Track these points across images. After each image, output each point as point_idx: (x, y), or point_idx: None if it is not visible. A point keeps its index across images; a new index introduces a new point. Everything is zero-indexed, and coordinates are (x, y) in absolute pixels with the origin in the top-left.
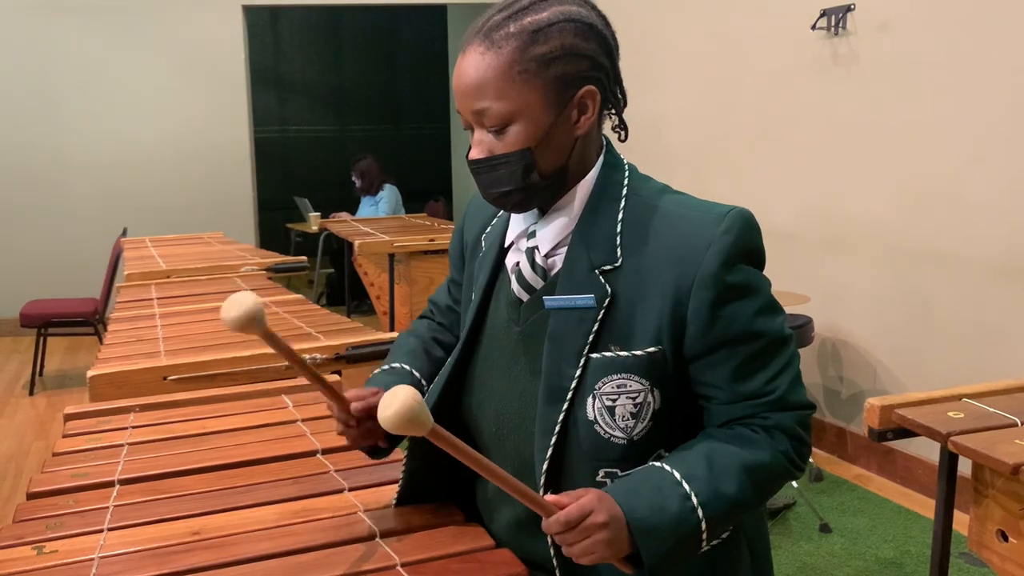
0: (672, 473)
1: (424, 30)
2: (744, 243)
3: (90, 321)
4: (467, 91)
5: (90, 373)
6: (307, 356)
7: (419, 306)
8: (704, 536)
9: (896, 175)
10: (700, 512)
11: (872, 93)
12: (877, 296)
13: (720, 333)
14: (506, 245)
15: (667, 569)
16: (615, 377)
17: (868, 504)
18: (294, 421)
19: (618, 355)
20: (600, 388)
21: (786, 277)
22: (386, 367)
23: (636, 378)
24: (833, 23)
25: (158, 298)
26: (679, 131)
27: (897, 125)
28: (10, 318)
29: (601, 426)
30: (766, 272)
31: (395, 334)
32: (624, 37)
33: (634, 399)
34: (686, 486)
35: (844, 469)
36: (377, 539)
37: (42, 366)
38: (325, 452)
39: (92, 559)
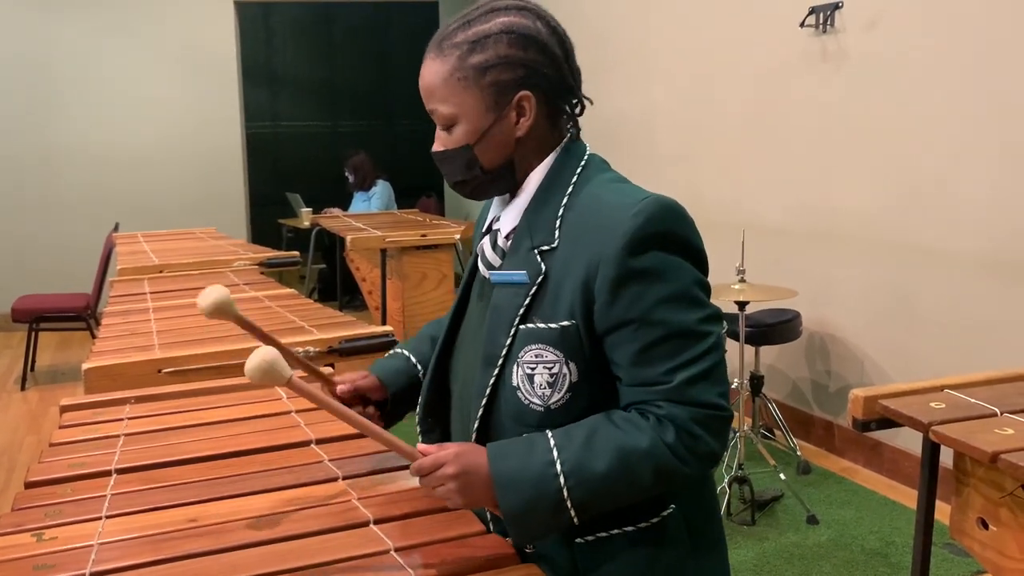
0: (549, 439)
1: (416, 26)
2: (655, 229)
3: (82, 316)
4: (423, 93)
5: (85, 366)
6: (300, 349)
7: (411, 301)
8: (569, 505)
9: (883, 171)
10: (562, 480)
11: (860, 90)
12: (864, 290)
13: (621, 313)
14: (483, 229)
15: (531, 530)
16: (534, 347)
17: (855, 496)
18: (288, 412)
19: (538, 327)
20: (522, 356)
21: (774, 271)
22: (390, 352)
23: (551, 349)
24: (821, 21)
25: (151, 292)
26: (669, 128)
27: (884, 121)
28: (1, 313)
29: (523, 392)
30: (762, 266)
31: (388, 328)
32: (613, 36)
33: (550, 369)
34: (555, 452)
35: (832, 462)
36: (371, 525)
37: (33, 361)
38: (319, 442)
39: (91, 545)
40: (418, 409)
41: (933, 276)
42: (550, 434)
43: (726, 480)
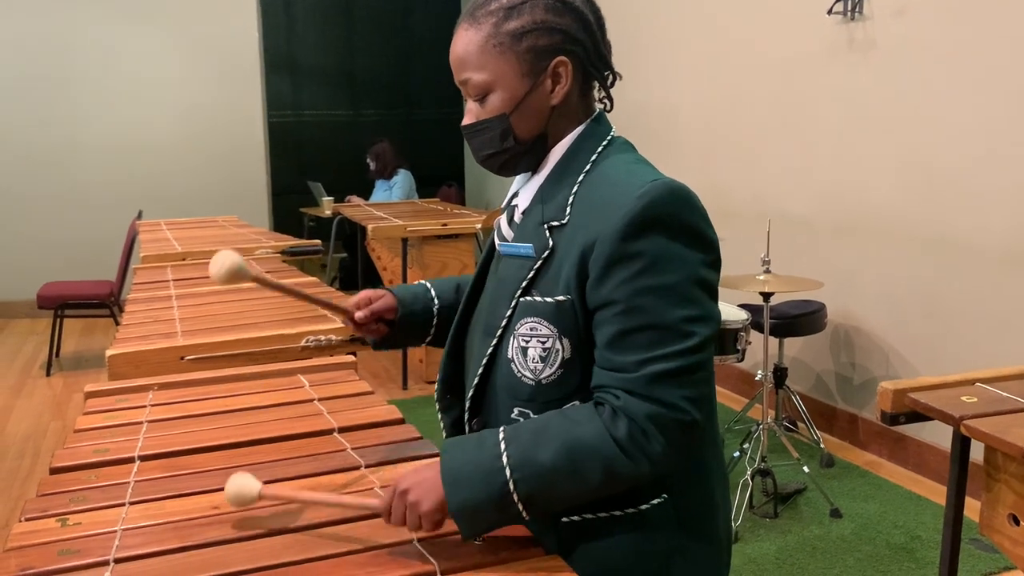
0: (499, 434)
1: (437, 14)
2: (658, 212)
3: (106, 303)
4: (455, 64)
5: (109, 352)
6: (323, 337)
7: None
8: (516, 499)
9: (910, 162)
10: (508, 472)
11: (888, 79)
12: (890, 282)
13: (608, 293)
14: (502, 205)
15: (479, 524)
16: (529, 320)
17: (879, 490)
18: (310, 400)
19: (535, 300)
20: (518, 329)
21: (799, 263)
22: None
23: (545, 323)
24: (849, 8)
25: (174, 280)
26: (693, 116)
27: (912, 112)
28: (27, 300)
29: (516, 365)
30: (787, 257)
31: None
32: (640, 22)
33: (543, 343)
34: (503, 446)
35: (855, 455)
36: None
37: (58, 347)
38: (342, 431)
39: (115, 531)
40: (436, 385)
41: (961, 269)
42: (501, 429)
43: (749, 472)
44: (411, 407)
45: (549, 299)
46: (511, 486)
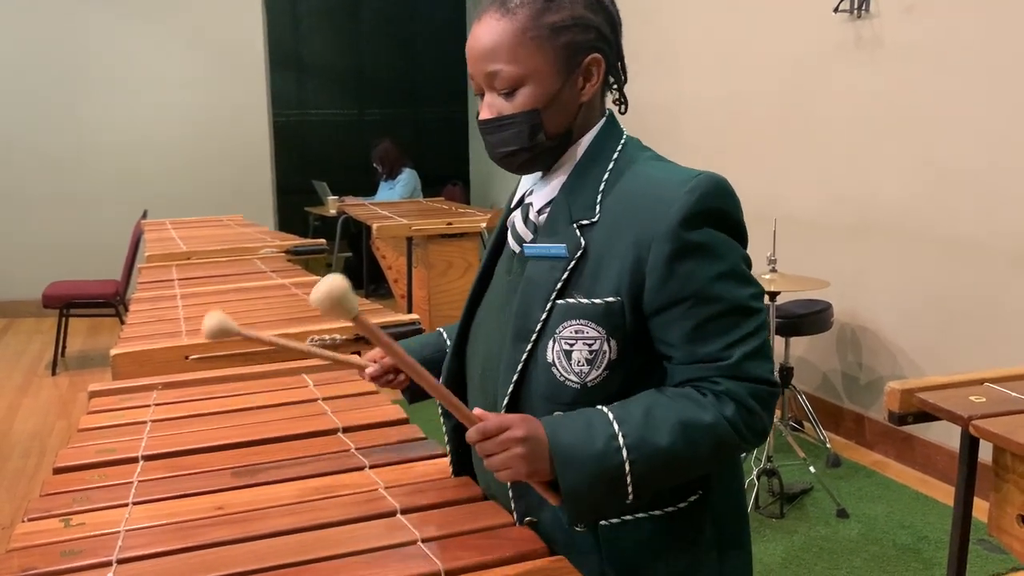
0: (607, 414)
1: (442, 13)
2: (708, 205)
3: (111, 302)
4: (481, 55)
5: (113, 352)
6: (327, 336)
7: (437, 290)
8: (629, 481)
9: (918, 160)
10: (624, 453)
11: (895, 78)
12: (897, 282)
13: (676, 290)
14: (512, 205)
15: (588, 508)
16: (574, 323)
17: (886, 490)
18: (314, 400)
19: (579, 302)
20: (560, 332)
21: (806, 262)
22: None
23: (593, 325)
24: (856, 6)
25: (179, 279)
26: (697, 115)
27: (920, 111)
28: (33, 299)
29: (558, 368)
30: (793, 256)
31: (414, 316)
32: (644, 20)
33: (590, 346)
34: (616, 426)
35: (862, 455)
36: (398, 515)
37: (64, 347)
38: (346, 430)
39: (118, 532)
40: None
41: (969, 268)
42: (606, 409)
43: (755, 472)
44: (415, 407)
45: (597, 301)
46: (627, 467)
